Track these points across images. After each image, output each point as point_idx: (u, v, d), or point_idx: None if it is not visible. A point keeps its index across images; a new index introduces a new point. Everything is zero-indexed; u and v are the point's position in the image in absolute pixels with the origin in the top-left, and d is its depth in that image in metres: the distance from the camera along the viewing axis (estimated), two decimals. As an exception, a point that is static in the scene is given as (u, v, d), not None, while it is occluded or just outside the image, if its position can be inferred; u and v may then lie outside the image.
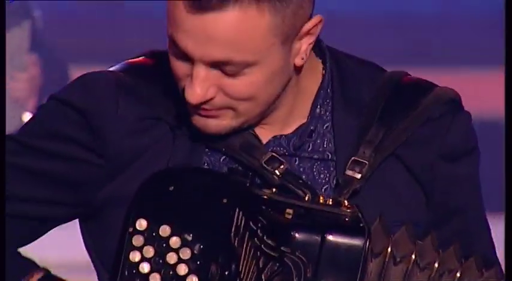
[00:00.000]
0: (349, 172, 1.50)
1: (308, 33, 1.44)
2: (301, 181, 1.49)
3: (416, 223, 1.51)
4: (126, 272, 1.49)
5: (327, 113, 1.54)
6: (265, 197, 1.47)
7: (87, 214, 1.59)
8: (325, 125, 1.53)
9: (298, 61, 1.45)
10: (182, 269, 1.45)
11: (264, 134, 1.52)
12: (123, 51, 4.85)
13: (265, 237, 1.44)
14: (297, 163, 1.52)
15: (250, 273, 1.48)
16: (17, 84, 4.12)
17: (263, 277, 1.47)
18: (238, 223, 1.47)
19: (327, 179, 1.52)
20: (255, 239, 1.45)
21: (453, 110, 1.53)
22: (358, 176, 1.49)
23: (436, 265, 1.46)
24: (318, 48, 1.53)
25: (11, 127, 4.23)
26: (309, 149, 1.52)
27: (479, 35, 5.70)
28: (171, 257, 1.46)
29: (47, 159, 1.56)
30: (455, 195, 1.58)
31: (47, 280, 1.58)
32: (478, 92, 5.57)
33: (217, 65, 1.43)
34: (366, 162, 1.50)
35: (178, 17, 1.42)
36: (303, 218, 1.45)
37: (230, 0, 1.37)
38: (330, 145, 1.53)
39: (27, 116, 4.20)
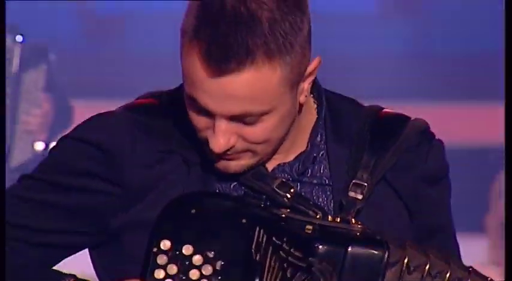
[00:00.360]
0: (351, 194, 1.61)
1: (310, 74, 1.56)
2: (311, 203, 1.60)
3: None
4: None
5: (322, 142, 1.66)
6: (283, 215, 1.56)
7: (102, 241, 1.66)
8: (321, 153, 1.65)
9: (302, 99, 1.57)
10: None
11: (269, 162, 1.63)
12: (123, 86, 5.06)
13: (292, 249, 1.53)
14: (298, 187, 1.63)
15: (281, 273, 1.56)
16: (31, 118, 4.39)
17: None
18: (260, 240, 1.56)
19: (324, 202, 1.63)
20: (280, 252, 1.53)
21: (428, 138, 1.67)
22: (360, 197, 1.61)
23: (448, 274, 1.55)
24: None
25: (23, 156, 4.43)
26: (308, 174, 1.64)
27: (478, 70, 5.88)
28: (194, 274, 1.53)
29: (67, 194, 1.64)
30: (437, 215, 1.71)
31: None
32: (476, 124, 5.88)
33: (236, 118, 1.53)
34: (365, 184, 1.61)
35: (197, 79, 1.51)
36: (322, 233, 1.55)
37: (246, 64, 1.46)
38: (326, 170, 1.64)
39: (38, 146, 4.39)
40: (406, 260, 1.54)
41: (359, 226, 1.56)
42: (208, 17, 1.51)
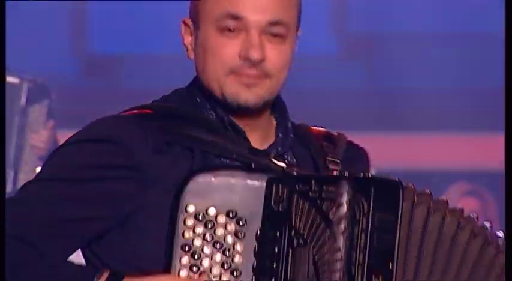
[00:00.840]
0: (333, 166, 1.82)
1: (297, 29, 1.82)
2: (300, 168, 1.76)
3: None
4: (181, 249, 1.64)
5: (286, 138, 1.85)
6: (294, 173, 1.71)
7: (114, 226, 1.71)
8: (285, 141, 1.86)
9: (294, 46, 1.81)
10: (230, 239, 1.64)
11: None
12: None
13: (323, 187, 1.64)
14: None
15: (310, 220, 1.65)
16: (38, 136, 4.83)
17: (323, 219, 1.64)
18: (279, 194, 1.67)
19: None
20: (310, 193, 1.65)
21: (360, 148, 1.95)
22: (337, 167, 1.81)
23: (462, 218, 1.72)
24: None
25: (28, 177, 4.94)
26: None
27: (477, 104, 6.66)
28: (220, 231, 1.64)
29: (89, 186, 1.70)
30: None
31: (115, 275, 1.67)
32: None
33: (267, 29, 1.75)
34: (339, 160, 1.84)
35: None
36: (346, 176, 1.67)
37: None
38: (293, 159, 1.84)
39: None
40: (431, 203, 1.68)
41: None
42: None
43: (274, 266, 1.66)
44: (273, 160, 1.75)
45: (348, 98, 6.29)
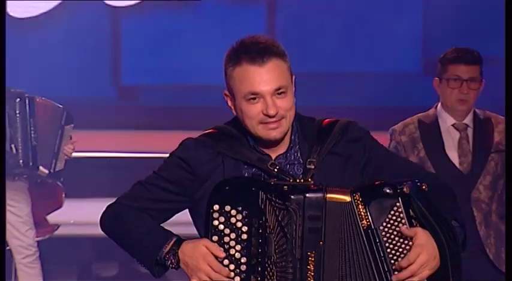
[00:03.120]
0: (308, 166, 2.43)
1: (293, 83, 2.42)
2: (288, 173, 2.41)
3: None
4: (212, 230, 2.35)
5: (296, 141, 2.48)
6: (272, 183, 2.37)
7: (190, 207, 2.49)
8: (297, 147, 2.48)
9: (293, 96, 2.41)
10: (239, 224, 2.33)
11: (274, 155, 2.46)
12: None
13: (278, 200, 2.35)
14: (288, 166, 2.46)
15: (274, 219, 2.34)
16: (67, 146, 5.88)
17: (280, 219, 2.32)
18: (263, 198, 2.34)
19: (300, 172, 2.46)
20: (272, 202, 2.34)
21: (347, 124, 2.50)
22: (313, 167, 2.43)
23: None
24: None
25: (60, 164, 5.95)
26: (292, 158, 2.47)
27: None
28: (233, 220, 2.34)
29: (173, 183, 2.47)
30: (377, 152, 2.53)
31: (179, 242, 2.41)
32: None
33: (274, 93, 2.36)
34: (315, 160, 2.43)
35: (251, 75, 2.36)
36: (293, 189, 2.34)
37: (273, 55, 2.36)
38: (299, 155, 2.47)
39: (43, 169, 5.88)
40: (349, 199, 2.34)
41: (311, 183, 2.36)
42: (241, 47, 2.39)
43: (258, 242, 2.35)
44: (269, 167, 2.42)
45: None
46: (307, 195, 2.34)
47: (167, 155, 2.57)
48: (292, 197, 2.34)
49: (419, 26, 7.40)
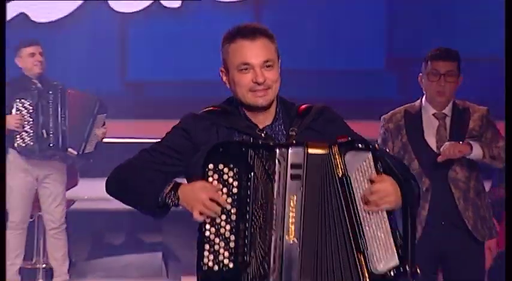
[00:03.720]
0: (291, 133, 2.64)
1: (279, 63, 2.66)
2: (272, 138, 2.63)
3: None
4: (208, 175, 2.56)
5: (280, 115, 2.70)
6: (260, 142, 2.56)
7: (186, 171, 2.69)
8: (281, 120, 2.70)
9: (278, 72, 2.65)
10: (231, 180, 2.53)
11: (261, 125, 2.68)
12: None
13: (264, 153, 2.51)
14: (274, 135, 2.67)
15: (262, 170, 2.52)
16: (98, 131, 6.36)
17: (266, 168, 2.49)
18: (252, 155, 2.51)
19: (283, 139, 2.66)
20: (260, 155, 2.50)
21: (323, 108, 2.72)
22: (294, 133, 2.65)
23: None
24: None
25: (90, 147, 6.26)
26: (277, 129, 2.68)
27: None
28: (225, 176, 2.53)
29: (175, 149, 2.67)
30: (345, 131, 2.72)
31: (177, 184, 2.61)
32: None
33: (263, 65, 2.58)
34: (296, 128, 2.65)
35: (244, 49, 2.60)
36: (278, 145, 2.54)
37: (262, 35, 2.61)
38: (282, 128, 2.67)
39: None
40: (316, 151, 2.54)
41: (294, 142, 2.56)
42: (235, 29, 2.65)
43: (247, 194, 2.52)
44: (258, 132, 2.61)
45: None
46: (290, 148, 2.54)
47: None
48: (277, 150, 2.56)
49: (382, 30, 8.09)
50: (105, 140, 6.62)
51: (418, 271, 2.54)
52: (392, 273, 2.52)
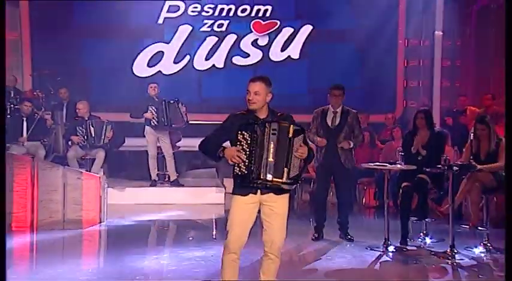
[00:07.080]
0: (273, 126, 5.28)
1: (270, 93, 5.47)
2: (265, 124, 5.28)
3: None
4: (237, 143, 5.33)
5: (270, 115, 5.46)
6: (260, 122, 5.25)
7: (229, 140, 5.47)
8: (270, 118, 5.40)
9: (268, 99, 5.45)
10: (247, 140, 5.31)
11: (261, 118, 5.41)
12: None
13: (261, 126, 5.23)
14: (266, 122, 5.32)
15: (260, 134, 5.23)
16: (176, 117, 10.73)
17: (262, 133, 5.18)
18: (256, 128, 5.22)
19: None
20: (259, 131, 5.20)
21: (288, 115, 5.52)
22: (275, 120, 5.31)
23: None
24: None
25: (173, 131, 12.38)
26: (267, 119, 5.37)
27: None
28: (244, 138, 5.32)
29: (222, 132, 5.47)
30: None
31: (223, 148, 5.46)
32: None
33: (255, 93, 5.39)
34: (275, 119, 5.35)
35: (250, 85, 5.42)
36: (269, 122, 5.25)
37: (260, 81, 5.46)
38: (270, 119, 5.34)
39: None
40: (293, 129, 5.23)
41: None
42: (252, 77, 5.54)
43: (253, 148, 5.23)
44: (258, 120, 5.31)
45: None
46: (272, 124, 5.09)
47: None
48: (266, 124, 5.11)
49: (305, 73, 13.69)
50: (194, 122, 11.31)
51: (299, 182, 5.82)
52: (289, 180, 5.40)
